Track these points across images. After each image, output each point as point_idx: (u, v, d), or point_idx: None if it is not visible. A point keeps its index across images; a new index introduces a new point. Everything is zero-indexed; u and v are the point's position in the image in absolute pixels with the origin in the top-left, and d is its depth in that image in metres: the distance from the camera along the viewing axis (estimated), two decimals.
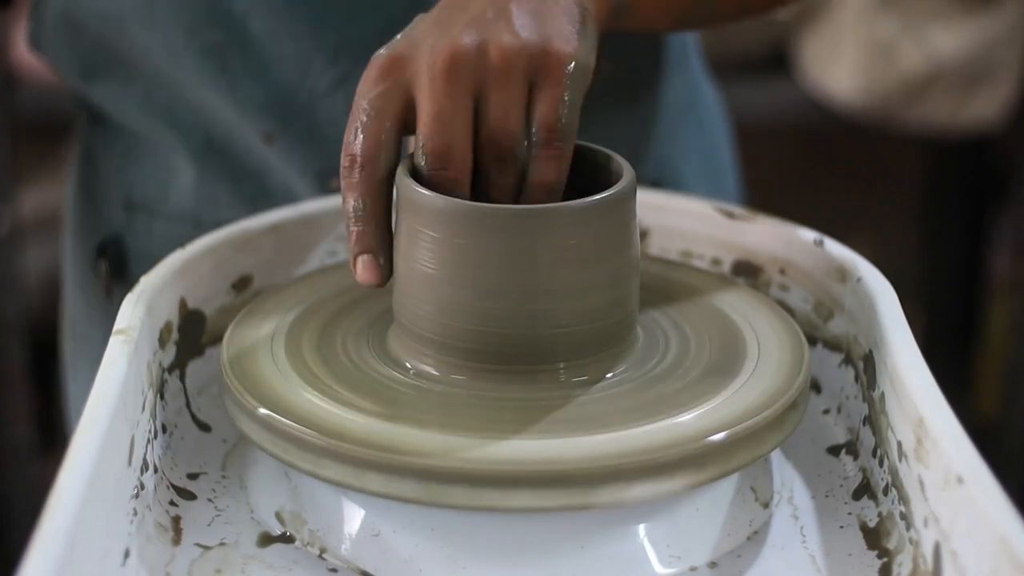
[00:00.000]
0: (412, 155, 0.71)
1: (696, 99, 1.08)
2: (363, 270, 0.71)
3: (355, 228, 0.71)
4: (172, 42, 0.93)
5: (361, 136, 0.70)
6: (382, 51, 0.71)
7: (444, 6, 0.72)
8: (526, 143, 0.70)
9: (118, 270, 1.01)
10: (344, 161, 0.70)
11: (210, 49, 0.93)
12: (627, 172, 0.71)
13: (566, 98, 0.69)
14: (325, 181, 0.95)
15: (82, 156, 1.06)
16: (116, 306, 0.73)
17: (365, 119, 0.70)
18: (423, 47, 0.70)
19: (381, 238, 0.71)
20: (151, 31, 0.94)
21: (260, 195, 0.97)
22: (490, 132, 0.69)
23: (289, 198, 0.95)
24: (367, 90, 0.70)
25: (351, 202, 0.70)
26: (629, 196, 0.71)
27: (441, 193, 0.69)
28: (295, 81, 0.93)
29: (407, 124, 0.70)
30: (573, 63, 0.69)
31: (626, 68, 0.98)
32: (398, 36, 0.71)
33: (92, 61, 0.98)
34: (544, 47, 0.69)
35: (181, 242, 0.81)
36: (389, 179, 0.71)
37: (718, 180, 1.10)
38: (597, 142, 0.74)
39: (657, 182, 1.01)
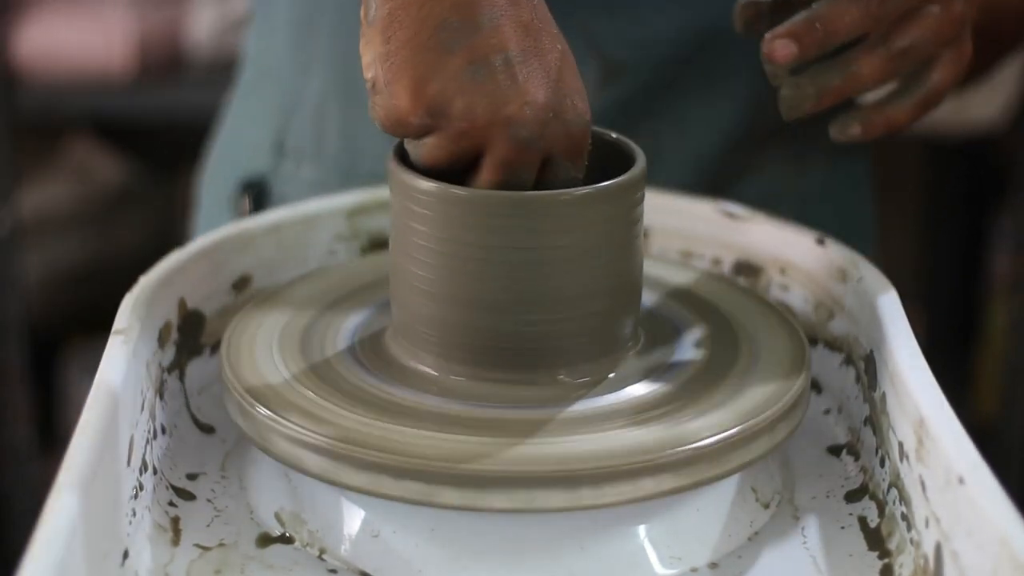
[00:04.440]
0: (404, 140, 0.70)
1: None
2: None
3: None
4: None
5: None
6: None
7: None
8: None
9: (258, 210, 1.01)
10: None
11: None
12: (638, 163, 0.70)
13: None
14: None
15: (243, 88, 1.07)
16: None
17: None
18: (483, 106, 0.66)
19: None
20: None
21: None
22: None
23: None
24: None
25: None
26: (635, 187, 0.70)
27: None
28: None
29: None
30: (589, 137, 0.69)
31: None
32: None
33: None
34: (564, 124, 0.67)
35: (327, 190, 0.83)
36: None
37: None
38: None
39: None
